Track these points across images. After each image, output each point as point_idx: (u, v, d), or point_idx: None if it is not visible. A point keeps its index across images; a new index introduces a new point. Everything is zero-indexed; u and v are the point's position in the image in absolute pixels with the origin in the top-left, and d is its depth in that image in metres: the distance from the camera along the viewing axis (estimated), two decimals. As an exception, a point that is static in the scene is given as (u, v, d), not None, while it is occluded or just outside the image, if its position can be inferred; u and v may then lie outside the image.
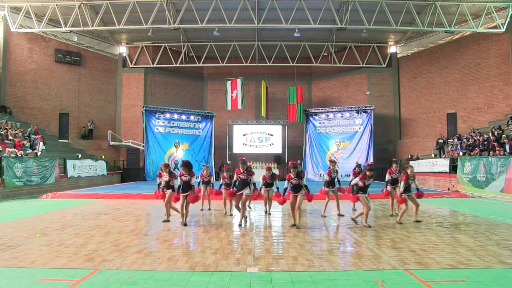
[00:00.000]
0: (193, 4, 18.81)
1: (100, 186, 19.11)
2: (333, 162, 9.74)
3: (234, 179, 8.43)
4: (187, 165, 8.11)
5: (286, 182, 7.97)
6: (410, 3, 18.35)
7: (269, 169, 9.18)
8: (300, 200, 7.65)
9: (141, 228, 7.76)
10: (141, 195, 13.54)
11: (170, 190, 8.51)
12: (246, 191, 8.09)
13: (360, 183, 7.81)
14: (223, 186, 9.86)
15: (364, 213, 7.79)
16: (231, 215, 9.56)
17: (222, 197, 9.92)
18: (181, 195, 8.05)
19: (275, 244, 6.27)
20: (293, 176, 7.73)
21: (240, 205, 8.21)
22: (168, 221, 8.49)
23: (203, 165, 10.84)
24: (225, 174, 9.71)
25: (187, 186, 8.02)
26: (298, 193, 7.69)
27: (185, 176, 8.05)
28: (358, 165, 9.88)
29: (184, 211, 8.05)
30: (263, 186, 9.32)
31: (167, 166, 8.90)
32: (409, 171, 8.11)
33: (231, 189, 8.54)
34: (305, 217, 9.25)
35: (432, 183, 18.21)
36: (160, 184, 9.37)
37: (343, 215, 9.29)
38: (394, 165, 9.47)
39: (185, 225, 7.99)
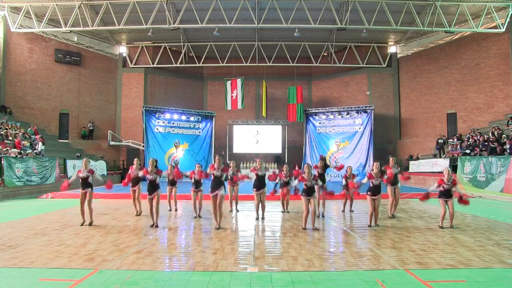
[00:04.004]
0: (193, 4, 18.81)
1: (100, 186, 19.08)
2: (350, 167, 10.16)
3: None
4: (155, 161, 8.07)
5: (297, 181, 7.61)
6: (410, 3, 18.35)
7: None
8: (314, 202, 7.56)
9: (141, 228, 7.76)
10: (141, 195, 13.50)
11: (90, 189, 7.94)
12: (220, 192, 7.49)
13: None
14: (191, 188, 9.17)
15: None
16: (199, 216, 9.17)
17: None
18: (148, 197, 7.76)
19: (275, 244, 6.27)
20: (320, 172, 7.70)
21: (216, 208, 7.53)
22: (88, 224, 7.80)
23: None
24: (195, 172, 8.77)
25: (153, 186, 7.79)
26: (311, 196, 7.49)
27: (151, 175, 7.85)
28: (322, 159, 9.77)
29: (154, 212, 7.72)
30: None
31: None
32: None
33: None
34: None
35: (432, 183, 18.19)
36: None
37: (353, 211, 9.87)
38: (391, 160, 9.00)
39: (156, 226, 7.65)
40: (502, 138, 15.87)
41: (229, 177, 8.84)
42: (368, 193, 7.82)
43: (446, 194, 7.58)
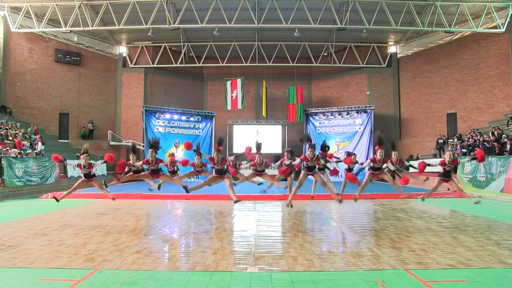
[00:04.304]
0: (193, 4, 18.81)
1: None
2: (354, 156, 9.96)
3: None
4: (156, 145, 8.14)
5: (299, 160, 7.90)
6: (410, 3, 18.35)
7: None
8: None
9: (141, 228, 7.76)
10: (141, 195, 13.54)
11: (94, 177, 8.54)
12: (226, 175, 8.01)
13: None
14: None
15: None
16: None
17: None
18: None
19: (275, 244, 6.27)
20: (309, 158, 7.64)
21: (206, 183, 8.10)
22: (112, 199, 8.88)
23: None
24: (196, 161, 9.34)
25: (155, 172, 8.29)
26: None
27: (152, 165, 8.02)
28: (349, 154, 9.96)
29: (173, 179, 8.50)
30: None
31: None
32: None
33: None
34: (305, 216, 9.25)
35: (432, 183, 18.20)
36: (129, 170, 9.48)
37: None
38: (393, 155, 8.49)
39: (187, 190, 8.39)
40: (502, 138, 15.86)
41: (230, 166, 8.93)
42: (370, 170, 7.90)
43: (445, 175, 7.67)
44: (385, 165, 7.92)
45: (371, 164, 7.92)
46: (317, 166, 7.93)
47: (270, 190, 10.93)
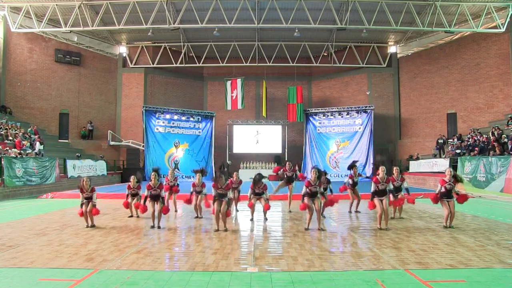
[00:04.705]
0: (193, 4, 18.81)
1: (100, 186, 19.08)
2: (355, 165, 9.77)
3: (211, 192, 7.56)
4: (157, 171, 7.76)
5: (304, 188, 7.46)
6: (410, 3, 18.36)
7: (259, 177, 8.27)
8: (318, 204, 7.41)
9: (141, 228, 7.76)
10: (141, 195, 13.51)
11: (92, 201, 7.76)
12: (225, 198, 7.35)
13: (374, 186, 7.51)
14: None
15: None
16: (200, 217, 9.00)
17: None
18: (149, 201, 7.72)
19: (275, 244, 6.27)
20: (312, 183, 7.26)
21: (219, 212, 7.26)
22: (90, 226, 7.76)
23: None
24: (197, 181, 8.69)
25: (155, 197, 7.72)
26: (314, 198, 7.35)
27: (154, 190, 7.67)
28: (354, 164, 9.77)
29: (157, 216, 7.68)
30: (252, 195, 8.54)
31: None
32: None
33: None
34: (305, 216, 9.22)
35: (432, 183, 18.19)
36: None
37: (359, 212, 9.81)
38: (395, 170, 8.36)
39: (159, 227, 7.58)
40: (502, 138, 15.86)
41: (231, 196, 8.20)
42: (375, 196, 7.56)
43: (447, 195, 7.55)
44: (388, 185, 7.63)
45: (375, 186, 7.48)
46: (319, 193, 7.63)
47: (269, 190, 10.91)
